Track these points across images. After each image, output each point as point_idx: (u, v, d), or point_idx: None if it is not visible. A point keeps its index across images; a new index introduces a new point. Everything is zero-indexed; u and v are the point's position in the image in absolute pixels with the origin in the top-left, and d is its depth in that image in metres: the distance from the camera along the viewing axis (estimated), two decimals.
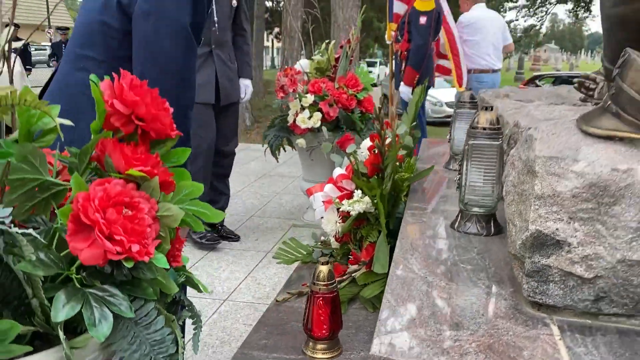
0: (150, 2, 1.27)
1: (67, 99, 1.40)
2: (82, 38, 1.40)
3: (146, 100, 0.90)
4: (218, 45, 2.85)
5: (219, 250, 2.86)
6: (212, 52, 2.83)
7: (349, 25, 7.54)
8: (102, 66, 1.40)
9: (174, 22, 1.29)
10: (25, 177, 0.80)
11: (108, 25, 1.34)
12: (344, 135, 1.85)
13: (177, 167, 0.99)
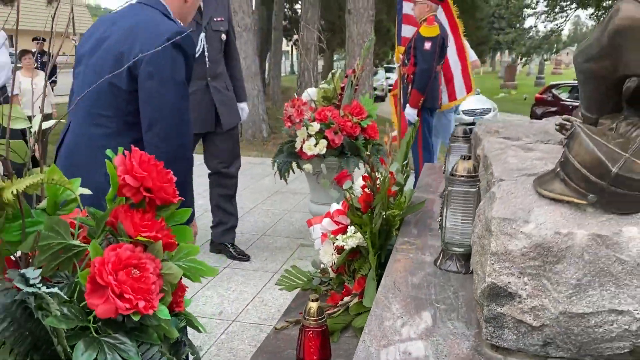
0: (152, 65, 1.59)
1: (87, 152, 1.61)
2: (92, 98, 1.63)
3: (153, 175, 1.06)
4: (213, 77, 3.11)
5: (231, 269, 3.02)
6: (208, 85, 3.09)
7: (363, 39, 7.69)
8: (114, 121, 1.66)
9: (172, 80, 1.63)
10: (52, 243, 0.96)
11: (117, 87, 1.61)
12: (341, 172, 1.99)
13: (180, 225, 1.15)
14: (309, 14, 10.21)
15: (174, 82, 1.63)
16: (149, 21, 1.67)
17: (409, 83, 4.03)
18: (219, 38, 3.15)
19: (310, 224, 2.03)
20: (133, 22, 1.69)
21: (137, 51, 1.58)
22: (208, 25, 3.09)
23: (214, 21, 3.13)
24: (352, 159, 3.05)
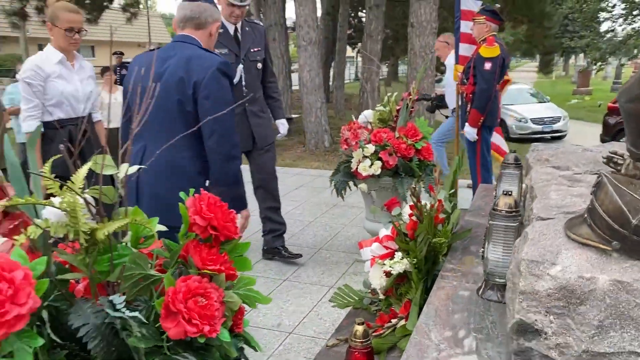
0: (208, 89, 2.06)
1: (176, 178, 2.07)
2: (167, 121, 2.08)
3: (218, 215, 1.23)
4: (250, 102, 3.42)
5: (289, 282, 3.20)
6: (246, 109, 3.41)
7: (425, 52, 7.74)
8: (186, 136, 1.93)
9: (222, 99, 2.10)
10: (134, 273, 1.14)
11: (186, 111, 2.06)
12: (391, 199, 2.10)
13: (240, 257, 1.32)
14: (373, 25, 10.31)
15: (224, 101, 2.10)
16: (200, 55, 2.12)
17: (467, 102, 4.08)
18: (255, 66, 3.50)
19: (361, 246, 2.16)
20: (187, 55, 2.12)
21: (195, 79, 2.06)
22: (246, 56, 3.43)
23: (251, 52, 3.46)
24: (406, 180, 3.15)
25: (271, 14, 11.99)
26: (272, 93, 3.69)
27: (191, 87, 2.05)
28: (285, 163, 7.67)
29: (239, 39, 3.43)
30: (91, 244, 1.11)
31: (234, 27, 3.42)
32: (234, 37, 3.43)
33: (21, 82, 2.54)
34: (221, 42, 3.23)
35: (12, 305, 0.90)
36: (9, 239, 1.09)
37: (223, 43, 3.28)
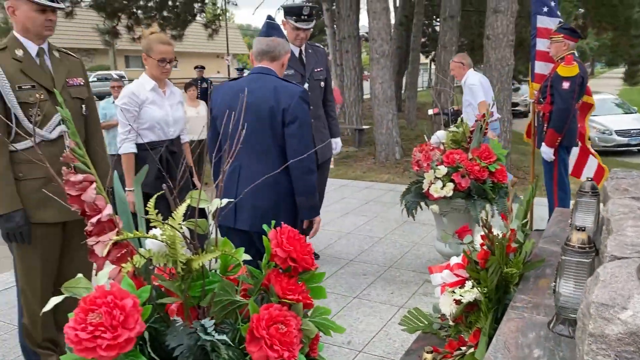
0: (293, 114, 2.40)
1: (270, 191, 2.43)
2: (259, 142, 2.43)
3: (297, 248, 1.34)
4: (314, 119, 3.57)
5: (359, 300, 3.27)
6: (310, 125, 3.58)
7: (502, 65, 7.59)
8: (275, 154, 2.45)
9: (306, 122, 2.46)
10: (222, 299, 1.27)
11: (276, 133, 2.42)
12: (463, 226, 2.13)
13: (316, 286, 1.42)
14: (447, 36, 10.22)
15: (307, 124, 2.48)
16: (284, 85, 2.47)
17: (544, 122, 4.00)
18: (319, 85, 3.75)
19: (432, 271, 2.19)
20: (272, 86, 2.46)
21: (284, 106, 2.41)
22: (310, 76, 3.69)
23: (314, 72, 3.72)
24: (479, 202, 3.13)
25: (345, 27, 12.17)
26: (331, 112, 3.94)
27: (280, 113, 2.40)
28: (355, 175, 7.75)
29: (303, 61, 3.70)
30: (186, 272, 1.25)
31: (298, 50, 3.67)
32: (299, 59, 3.69)
33: (119, 108, 2.79)
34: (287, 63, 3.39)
35: (123, 329, 1.04)
36: (117, 266, 1.25)
37: (289, 64, 3.43)
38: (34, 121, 2.16)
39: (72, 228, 2.36)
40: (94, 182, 1.25)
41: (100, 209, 1.26)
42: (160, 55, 2.74)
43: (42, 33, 2.22)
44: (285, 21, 3.62)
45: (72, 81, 2.34)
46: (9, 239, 2.19)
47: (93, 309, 1.05)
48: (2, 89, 2.12)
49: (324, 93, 3.86)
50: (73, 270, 2.45)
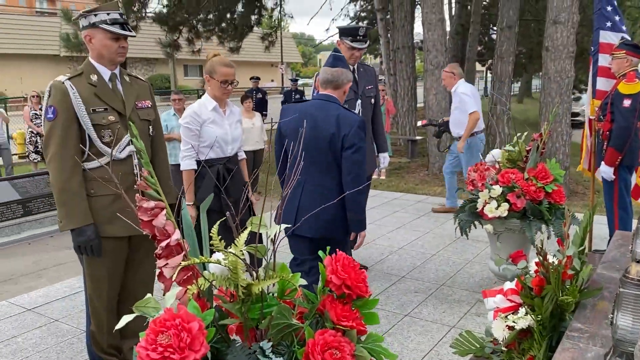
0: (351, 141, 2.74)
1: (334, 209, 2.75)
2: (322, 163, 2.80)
3: (351, 275, 1.39)
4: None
5: (410, 318, 3.27)
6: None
7: (561, 77, 7.38)
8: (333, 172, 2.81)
9: (361, 147, 2.78)
10: (280, 322, 1.33)
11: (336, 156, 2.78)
12: (517, 251, 2.12)
13: (370, 312, 1.46)
14: (504, 47, 10.02)
15: (363, 150, 2.80)
16: (345, 114, 2.81)
17: (604, 140, 3.88)
18: (369, 102, 3.96)
19: (485, 295, 2.18)
20: (335, 114, 2.79)
21: (344, 133, 2.76)
22: (362, 93, 3.88)
23: (366, 89, 3.92)
24: (535, 223, 3.08)
25: (399, 37, 12.15)
26: (379, 127, 4.11)
27: (340, 139, 2.76)
28: (407, 187, 7.71)
29: (356, 79, 3.85)
30: (246, 295, 1.32)
31: (352, 68, 3.83)
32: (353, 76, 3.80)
33: (182, 126, 2.93)
34: None
35: (190, 351, 1.12)
36: (183, 287, 1.33)
37: None
38: (113, 141, 2.32)
39: (137, 242, 2.50)
40: (164, 209, 1.34)
41: (169, 234, 1.35)
42: (223, 77, 2.87)
43: (115, 59, 2.38)
44: (341, 41, 3.74)
45: (140, 104, 2.49)
46: (80, 252, 2.34)
47: (163, 330, 1.13)
48: (78, 112, 2.28)
49: (374, 109, 4.05)
50: (136, 282, 2.59)
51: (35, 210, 6.04)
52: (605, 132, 3.85)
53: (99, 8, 2.34)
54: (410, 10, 12.86)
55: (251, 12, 11.55)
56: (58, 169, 2.26)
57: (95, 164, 2.31)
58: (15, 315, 3.50)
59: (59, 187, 2.27)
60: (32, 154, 8.77)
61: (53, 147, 2.27)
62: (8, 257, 5.10)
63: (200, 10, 10.65)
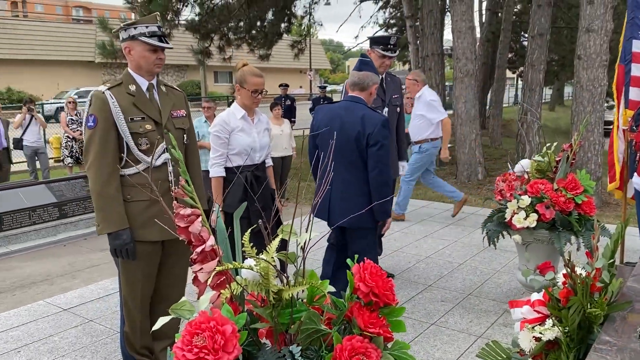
0: (376, 139, 2.97)
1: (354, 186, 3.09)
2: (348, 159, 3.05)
3: (379, 284, 1.42)
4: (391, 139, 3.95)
5: (436, 327, 3.27)
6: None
7: (594, 85, 7.27)
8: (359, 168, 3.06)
9: (385, 145, 3.01)
10: (309, 328, 1.37)
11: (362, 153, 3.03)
12: (545, 262, 2.12)
13: (396, 320, 1.49)
14: (535, 55, 9.92)
15: (387, 146, 3.03)
16: (370, 114, 3.05)
17: (637, 151, 3.81)
18: (395, 110, 4.13)
19: (512, 306, 2.19)
20: (360, 114, 3.04)
21: (369, 132, 2.98)
22: (389, 102, 4.04)
23: (392, 98, 4.08)
24: (564, 234, 3.05)
25: (428, 44, 12.12)
26: (401, 135, 4.24)
27: (365, 137, 2.99)
28: (435, 195, 7.68)
29: (384, 87, 4.01)
30: (277, 300, 1.37)
31: (380, 77, 3.95)
32: (381, 85, 3.99)
33: (211, 134, 3.01)
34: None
35: (223, 353, 1.17)
36: (217, 292, 1.39)
37: None
38: (149, 149, 2.41)
39: (170, 247, 2.58)
40: (200, 216, 1.41)
41: (204, 240, 1.41)
42: (254, 87, 2.95)
43: (153, 70, 2.47)
44: (372, 50, 3.83)
45: (176, 113, 2.58)
46: (116, 255, 2.43)
47: (198, 332, 1.19)
48: (117, 121, 2.37)
49: (399, 117, 4.20)
50: (168, 285, 2.67)
51: (71, 213, 6.23)
52: (638, 143, 3.79)
53: (138, 21, 2.44)
54: (439, 17, 12.85)
55: (281, 20, 11.69)
56: (97, 175, 2.36)
57: (133, 170, 2.40)
58: (52, 314, 3.63)
59: (97, 192, 2.36)
60: (67, 158, 9.03)
61: (92, 154, 2.36)
62: (44, 258, 5.27)
63: (231, 19, 10.83)
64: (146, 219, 2.43)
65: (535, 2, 9.83)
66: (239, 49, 11.73)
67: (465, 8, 8.91)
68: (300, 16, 12.93)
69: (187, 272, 2.73)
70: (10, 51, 26.46)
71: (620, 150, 4.23)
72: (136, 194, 2.43)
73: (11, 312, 3.69)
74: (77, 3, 51.76)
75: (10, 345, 3.17)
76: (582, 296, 1.82)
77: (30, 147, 8.62)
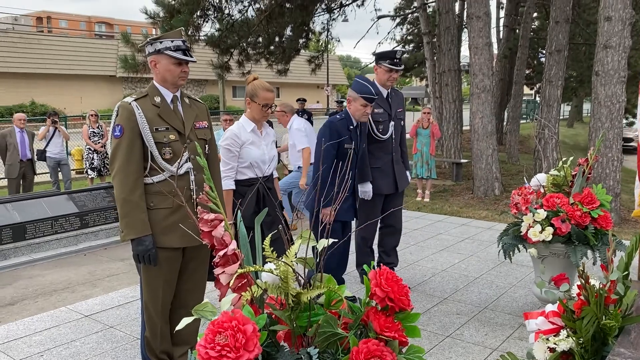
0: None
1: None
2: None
3: (394, 289, 1.47)
4: (395, 152, 4.18)
5: (452, 339, 3.28)
6: (393, 158, 4.16)
7: (612, 102, 7.24)
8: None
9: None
10: (326, 331, 1.42)
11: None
12: (560, 274, 2.14)
13: (410, 325, 1.53)
14: (553, 71, 9.91)
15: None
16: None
17: None
18: (400, 124, 4.25)
19: (527, 317, 2.21)
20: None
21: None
22: (395, 115, 4.16)
23: (397, 112, 4.19)
24: (580, 248, 3.06)
25: (445, 60, 12.18)
26: (403, 147, 4.37)
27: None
28: (451, 210, 7.68)
29: (389, 102, 4.14)
30: (296, 304, 1.42)
31: (387, 92, 4.11)
32: (387, 99, 4.13)
33: (222, 148, 3.08)
34: (378, 103, 3.99)
35: (244, 351, 1.22)
36: (238, 294, 1.44)
37: (379, 103, 4.02)
38: (173, 158, 2.50)
39: (190, 254, 2.65)
40: (222, 221, 1.47)
41: (227, 244, 1.47)
42: (264, 101, 3.04)
43: (177, 82, 2.57)
44: (378, 65, 3.95)
45: (198, 124, 2.67)
46: (139, 260, 2.51)
47: (220, 331, 1.24)
48: (143, 131, 2.46)
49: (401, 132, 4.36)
50: (188, 291, 2.73)
51: (92, 223, 6.35)
52: None
53: (164, 36, 2.54)
54: (456, 34, 12.90)
55: (299, 36, 11.85)
56: (122, 183, 2.44)
57: (161, 177, 2.49)
58: (74, 320, 3.71)
59: (122, 199, 2.45)
60: (89, 170, 9.21)
61: (118, 162, 2.45)
62: (65, 266, 5.38)
63: (250, 34, 11.02)
64: (168, 226, 2.50)
65: (553, 18, 9.85)
66: (258, 63, 11.90)
67: (482, 25, 8.96)
68: (319, 32, 13.10)
69: (205, 279, 2.79)
70: (34, 65, 27.11)
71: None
72: (159, 202, 2.51)
73: (34, 317, 3.79)
74: (99, 19, 52.92)
75: (34, 349, 3.26)
76: (596, 307, 1.84)
77: (53, 158, 8.82)
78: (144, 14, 9.99)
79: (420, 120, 8.83)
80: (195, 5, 10.03)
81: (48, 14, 49.51)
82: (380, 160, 4.05)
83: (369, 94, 3.57)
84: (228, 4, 10.88)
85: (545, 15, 17.05)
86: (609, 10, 7.02)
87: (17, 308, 4.22)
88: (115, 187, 2.47)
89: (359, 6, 13.36)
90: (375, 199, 4.04)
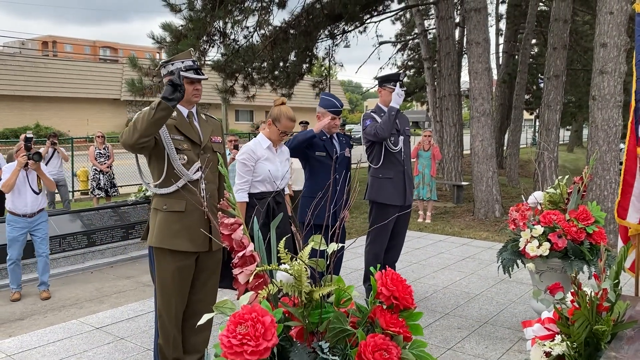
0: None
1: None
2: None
3: (399, 288, 1.59)
4: (406, 166, 4.36)
5: (453, 352, 3.37)
6: (404, 171, 4.32)
7: (608, 125, 7.42)
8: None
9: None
10: (335, 327, 1.53)
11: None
12: (555, 283, 2.26)
13: (414, 324, 1.64)
14: (552, 96, 10.11)
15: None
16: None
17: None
18: (408, 141, 4.47)
19: (525, 325, 2.32)
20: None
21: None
22: (403, 132, 4.38)
23: (405, 130, 4.43)
24: (576, 263, 3.17)
25: (445, 85, 12.42)
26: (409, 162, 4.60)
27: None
28: (452, 231, 7.78)
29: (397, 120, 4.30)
30: (308, 301, 1.54)
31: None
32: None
33: (238, 162, 3.24)
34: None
35: (263, 340, 1.34)
36: (255, 292, 1.56)
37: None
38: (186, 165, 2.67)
39: (202, 263, 2.78)
40: (241, 225, 1.60)
41: (245, 246, 1.60)
42: (285, 128, 3.24)
43: (191, 100, 2.74)
44: (382, 88, 4.19)
45: (214, 139, 2.84)
46: (173, 86, 2.46)
47: (241, 322, 1.36)
48: (162, 134, 2.62)
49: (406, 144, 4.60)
50: (199, 300, 2.85)
51: (99, 241, 6.47)
52: None
53: (174, 57, 2.72)
54: (457, 59, 13.16)
55: (303, 61, 12.11)
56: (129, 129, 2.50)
57: (174, 188, 2.64)
58: (85, 332, 3.81)
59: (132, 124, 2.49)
60: (96, 189, 9.34)
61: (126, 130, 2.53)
62: (72, 283, 5.48)
63: (255, 59, 11.27)
64: (179, 229, 2.64)
65: (551, 45, 10.09)
66: (262, 87, 12.14)
67: (482, 50, 9.20)
68: (322, 57, 13.38)
69: (217, 290, 2.91)
70: (39, 88, 27.47)
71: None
72: (172, 205, 2.65)
73: (47, 329, 3.88)
74: (104, 43, 53.72)
75: (48, 359, 3.35)
76: (588, 312, 1.96)
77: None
78: (150, 38, 10.24)
79: (422, 142, 9.01)
80: (201, 30, 10.29)
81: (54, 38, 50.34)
82: (392, 171, 4.25)
83: (334, 107, 3.92)
84: (233, 29, 11.16)
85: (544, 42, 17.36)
86: (604, 37, 7.23)
87: (27, 323, 4.31)
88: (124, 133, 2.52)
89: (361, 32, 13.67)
90: (388, 210, 4.20)
